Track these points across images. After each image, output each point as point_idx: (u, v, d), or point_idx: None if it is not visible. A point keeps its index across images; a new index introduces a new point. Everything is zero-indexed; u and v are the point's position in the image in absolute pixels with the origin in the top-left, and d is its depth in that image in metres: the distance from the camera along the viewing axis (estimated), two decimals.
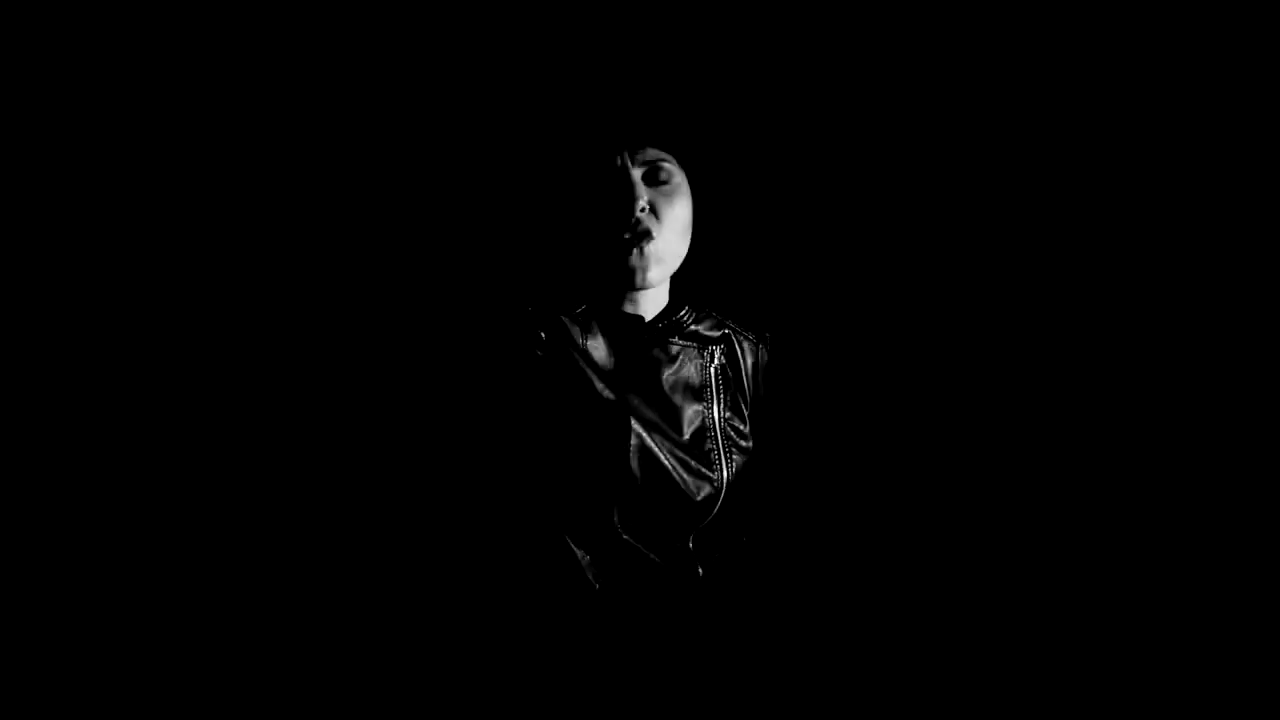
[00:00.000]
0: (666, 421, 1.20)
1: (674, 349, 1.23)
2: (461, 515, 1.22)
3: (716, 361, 1.27)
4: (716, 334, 1.28)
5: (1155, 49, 1.51)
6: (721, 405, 1.25)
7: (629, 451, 1.15)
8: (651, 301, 1.24)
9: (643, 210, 1.12)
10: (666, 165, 1.15)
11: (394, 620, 1.39)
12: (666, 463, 1.17)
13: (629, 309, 1.23)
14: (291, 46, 1.50)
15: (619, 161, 1.14)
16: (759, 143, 1.60)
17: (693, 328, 1.26)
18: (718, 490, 1.22)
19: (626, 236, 1.13)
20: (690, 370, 1.24)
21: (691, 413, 1.22)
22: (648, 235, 1.13)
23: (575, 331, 1.17)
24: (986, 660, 1.52)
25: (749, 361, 1.31)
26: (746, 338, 1.33)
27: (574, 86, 1.41)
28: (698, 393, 1.24)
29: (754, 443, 1.29)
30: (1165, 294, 1.53)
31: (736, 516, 1.31)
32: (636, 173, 1.14)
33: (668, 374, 1.22)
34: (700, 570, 1.23)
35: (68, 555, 1.46)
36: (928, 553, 1.57)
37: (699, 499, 1.20)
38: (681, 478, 1.18)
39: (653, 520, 1.19)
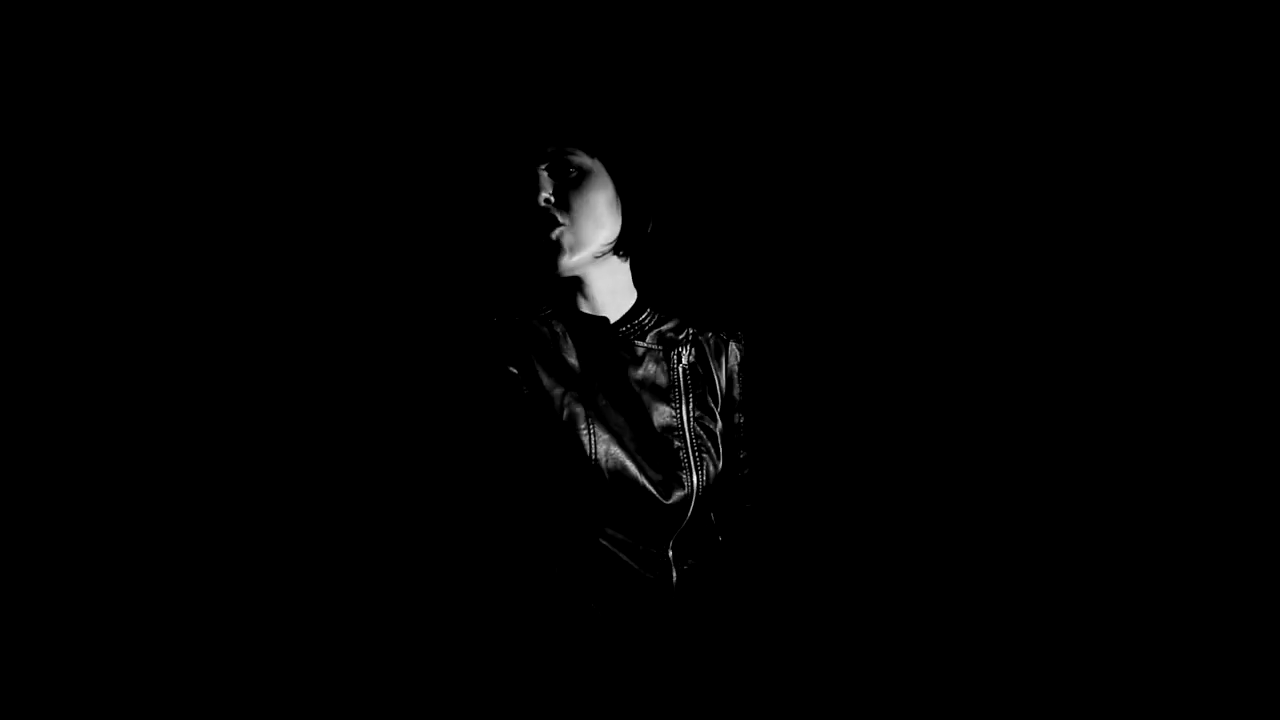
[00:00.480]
0: (633, 423, 1.19)
1: (639, 350, 1.23)
2: (434, 522, 1.22)
3: (684, 361, 1.26)
4: (682, 335, 1.27)
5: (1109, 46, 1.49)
6: (690, 405, 1.24)
7: (595, 456, 1.15)
8: (612, 300, 1.24)
9: (546, 202, 1.15)
10: (573, 157, 1.17)
11: (370, 626, 1.39)
12: (631, 465, 1.17)
13: (586, 309, 1.23)
14: (228, 60, 1.51)
15: (521, 159, 1.17)
16: (723, 138, 1.57)
17: (655, 330, 1.25)
18: (689, 492, 1.20)
19: (532, 230, 1.16)
20: (656, 371, 1.24)
21: (658, 413, 1.22)
22: (554, 224, 1.16)
23: (541, 335, 1.19)
24: (967, 656, 1.49)
25: (720, 361, 1.30)
26: (718, 337, 1.31)
27: (490, 91, 1.44)
28: (664, 393, 1.23)
29: (728, 443, 1.27)
30: (1129, 285, 1.50)
31: (712, 517, 1.28)
32: (542, 167, 1.16)
33: (633, 375, 1.22)
34: (675, 575, 1.21)
35: (65, 555, 1.48)
36: (908, 550, 1.54)
37: (669, 502, 1.18)
38: (651, 479, 1.17)
39: (627, 525, 1.18)
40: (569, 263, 1.18)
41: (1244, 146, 1.45)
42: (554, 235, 1.15)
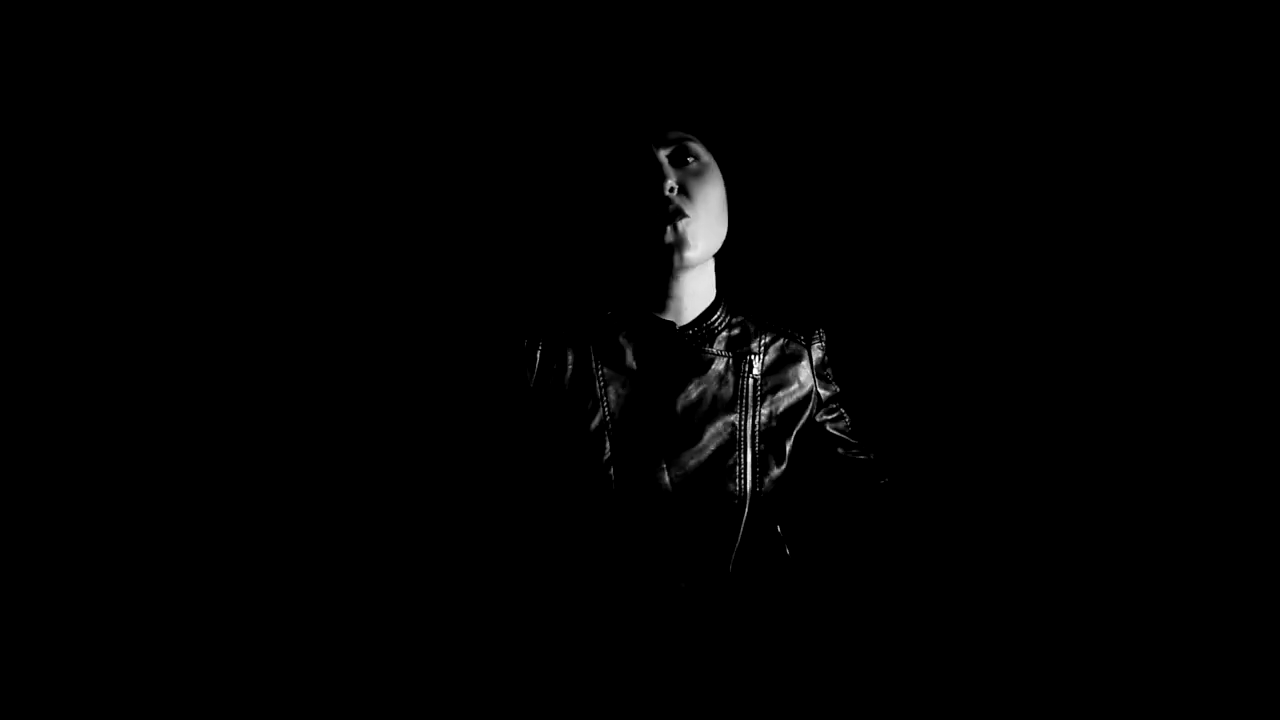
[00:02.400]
0: (686, 435, 1.14)
1: (705, 356, 1.18)
2: (462, 536, 1.19)
3: (755, 370, 1.19)
4: (759, 341, 1.21)
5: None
6: (755, 415, 1.18)
7: (624, 475, 1.11)
8: (692, 301, 1.18)
9: (671, 190, 1.08)
10: (692, 145, 1.12)
11: (376, 632, 1.36)
12: (667, 482, 1.12)
13: (670, 305, 1.17)
14: (302, 47, 1.47)
15: (642, 144, 1.10)
16: (808, 133, 1.51)
17: (725, 333, 1.20)
18: (739, 505, 1.15)
19: (658, 217, 1.09)
20: (722, 378, 1.18)
21: (720, 425, 1.16)
22: (680, 214, 1.09)
23: (596, 339, 1.15)
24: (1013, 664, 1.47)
25: (800, 364, 1.23)
26: (797, 338, 1.25)
27: (597, 73, 1.37)
28: (728, 403, 1.17)
29: (803, 447, 1.22)
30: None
31: (779, 530, 1.23)
32: (662, 154, 1.10)
33: (695, 384, 1.16)
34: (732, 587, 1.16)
35: (67, 555, 1.45)
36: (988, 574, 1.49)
37: (717, 514, 1.14)
38: (695, 494, 1.13)
39: (677, 542, 1.13)
40: (695, 257, 1.11)
41: (1246, 146, 1.46)
42: (681, 226, 1.09)
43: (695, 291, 1.18)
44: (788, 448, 1.20)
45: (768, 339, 1.23)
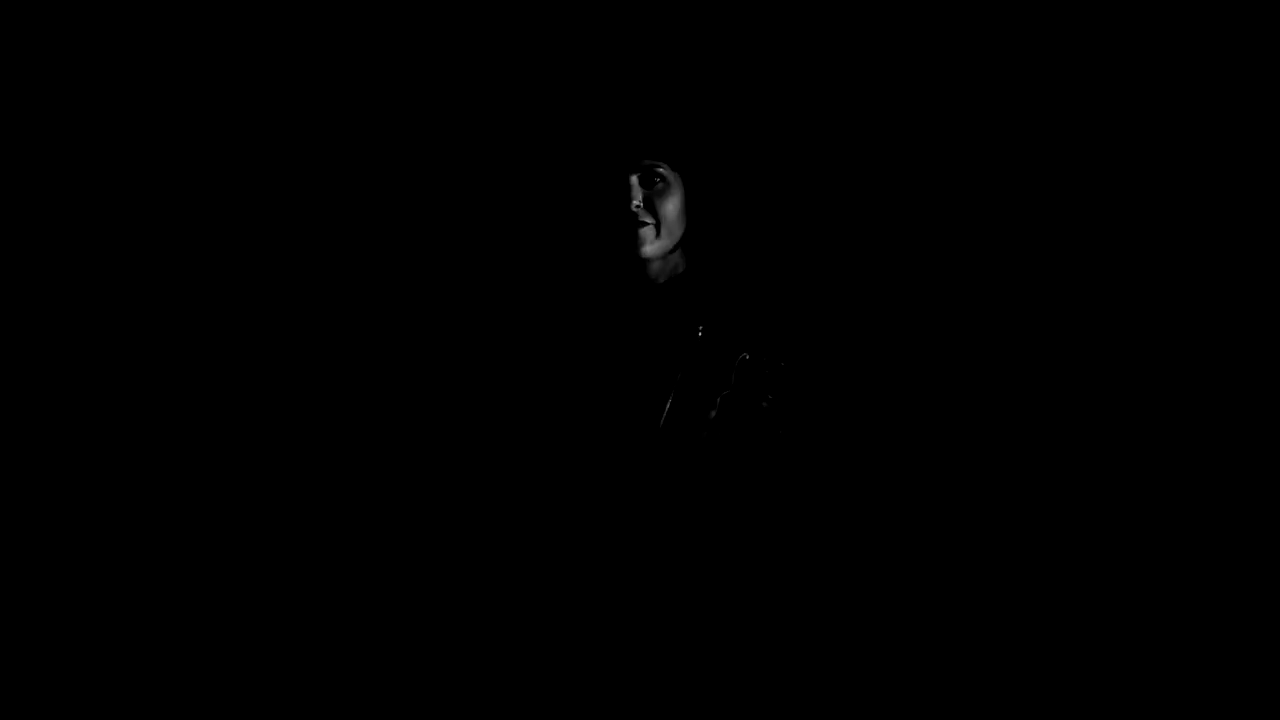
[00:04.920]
0: (630, 377, 1.42)
1: (667, 316, 1.46)
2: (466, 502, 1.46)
3: (700, 332, 1.45)
4: (714, 314, 1.45)
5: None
6: (691, 373, 1.42)
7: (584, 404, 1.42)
8: (662, 272, 1.50)
9: (637, 207, 1.45)
10: (659, 170, 1.46)
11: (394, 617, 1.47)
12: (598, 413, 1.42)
13: (648, 275, 1.48)
14: (300, 58, 1.57)
15: (620, 171, 1.46)
16: (781, 150, 1.68)
17: (687, 300, 1.46)
18: (654, 445, 1.40)
19: (628, 223, 1.45)
20: (674, 338, 1.44)
21: (659, 374, 1.43)
22: (641, 223, 1.45)
23: (590, 299, 1.48)
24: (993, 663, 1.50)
25: (751, 343, 1.45)
26: (754, 324, 1.46)
27: (597, 110, 1.64)
28: (673, 358, 1.42)
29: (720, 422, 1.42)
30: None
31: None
32: (634, 178, 1.46)
33: (650, 337, 1.45)
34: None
35: (68, 555, 1.48)
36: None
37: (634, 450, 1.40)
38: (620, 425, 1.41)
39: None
40: (650, 251, 1.47)
41: (1244, 146, 1.49)
42: (642, 233, 1.45)
43: (664, 269, 1.51)
44: (713, 413, 1.44)
45: (727, 313, 1.47)
